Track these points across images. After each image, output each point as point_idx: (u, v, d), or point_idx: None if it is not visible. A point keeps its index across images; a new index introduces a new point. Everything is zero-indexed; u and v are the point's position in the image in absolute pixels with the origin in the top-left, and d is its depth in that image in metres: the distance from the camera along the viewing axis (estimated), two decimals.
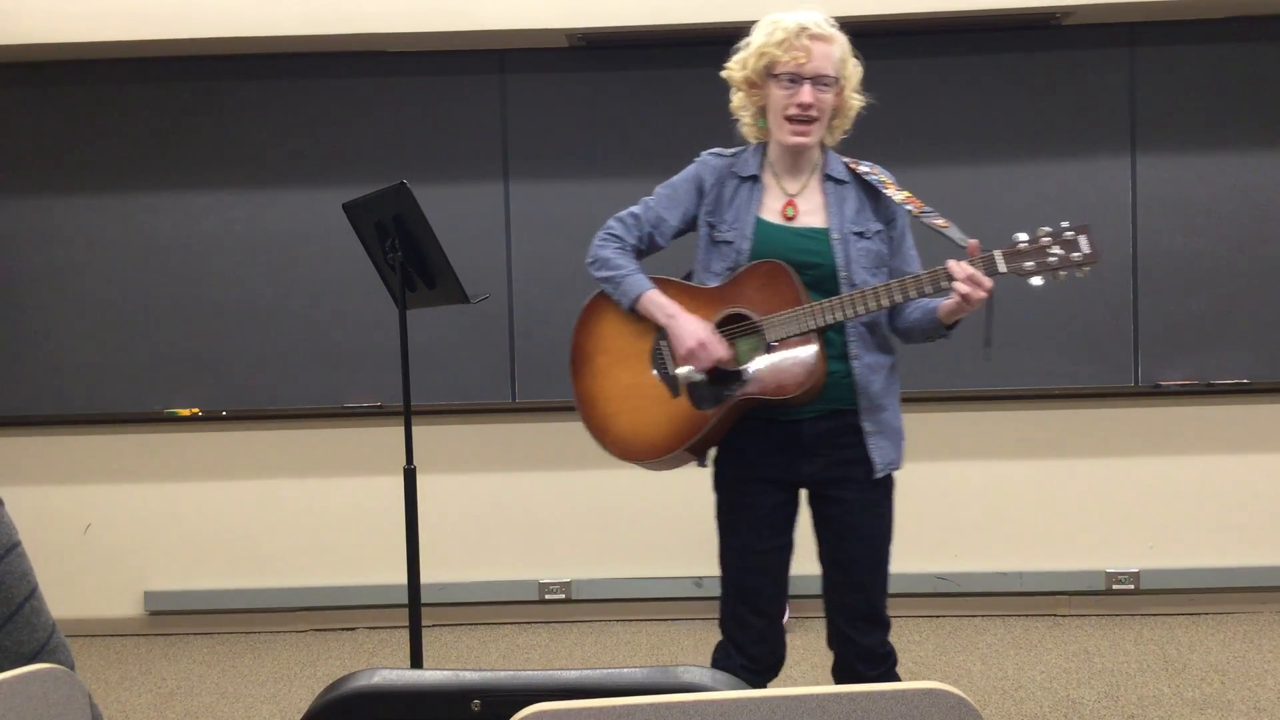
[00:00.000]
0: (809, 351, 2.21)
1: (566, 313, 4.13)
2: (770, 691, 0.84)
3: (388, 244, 2.95)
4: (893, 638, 2.43)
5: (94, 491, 4.31)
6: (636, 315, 2.35)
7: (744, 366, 2.26)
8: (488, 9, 3.86)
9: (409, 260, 2.94)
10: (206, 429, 4.28)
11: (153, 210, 4.20)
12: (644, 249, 2.41)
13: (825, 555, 2.38)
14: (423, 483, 3.12)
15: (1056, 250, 2.14)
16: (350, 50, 4.08)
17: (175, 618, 4.30)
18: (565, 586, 4.25)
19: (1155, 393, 4.12)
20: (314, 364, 4.18)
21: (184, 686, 3.73)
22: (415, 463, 3.02)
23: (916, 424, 4.14)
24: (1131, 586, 4.15)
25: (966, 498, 4.20)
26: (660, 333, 2.33)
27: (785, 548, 2.38)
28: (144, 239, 4.20)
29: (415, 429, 3.07)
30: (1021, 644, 3.87)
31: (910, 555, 4.14)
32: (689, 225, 2.40)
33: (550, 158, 4.15)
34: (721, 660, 2.40)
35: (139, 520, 4.30)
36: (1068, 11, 3.87)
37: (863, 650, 2.36)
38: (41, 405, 4.23)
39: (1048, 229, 2.17)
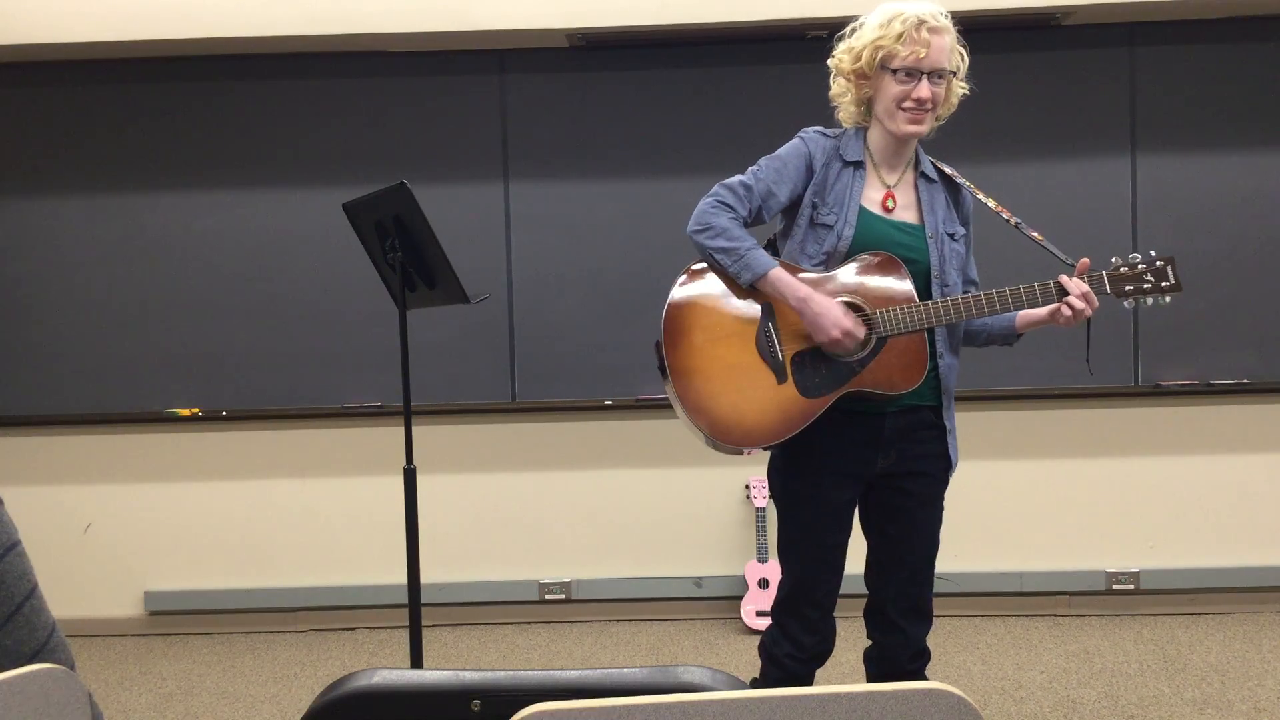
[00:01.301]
0: (922, 349, 2.24)
1: (567, 313, 4.18)
2: (770, 691, 0.84)
3: (388, 244, 2.95)
4: None
5: (94, 491, 4.31)
6: (740, 291, 2.25)
7: (856, 358, 2.24)
8: (488, 9, 3.86)
9: (409, 260, 2.94)
10: (206, 429, 4.28)
11: (153, 210, 4.20)
12: (750, 222, 2.29)
13: (884, 547, 2.39)
14: (423, 483, 3.13)
15: (1150, 278, 2.29)
16: (350, 50, 4.08)
17: (175, 618, 4.31)
18: (565, 586, 4.25)
19: (1155, 393, 4.12)
20: (314, 364, 4.18)
21: (184, 686, 3.73)
22: (415, 463, 3.02)
23: None
24: (1131, 586, 4.15)
25: (966, 498, 4.19)
26: (768, 313, 2.25)
27: (846, 543, 2.38)
28: (144, 239, 4.20)
29: (415, 429, 3.07)
30: (1021, 644, 3.87)
31: None
32: (795, 203, 2.32)
33: (550, 158, 4.15)
34: (770, 646, 2.40)
35: (139, 520, 4.31)
36: (1068, 11, 3.87)
37: (911, 640, 2.38)
38: (41, 405, 4.23)
39: (1139, 256, 2.29)
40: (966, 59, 2.31)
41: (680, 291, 2.29)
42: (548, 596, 4.25)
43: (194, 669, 3.90)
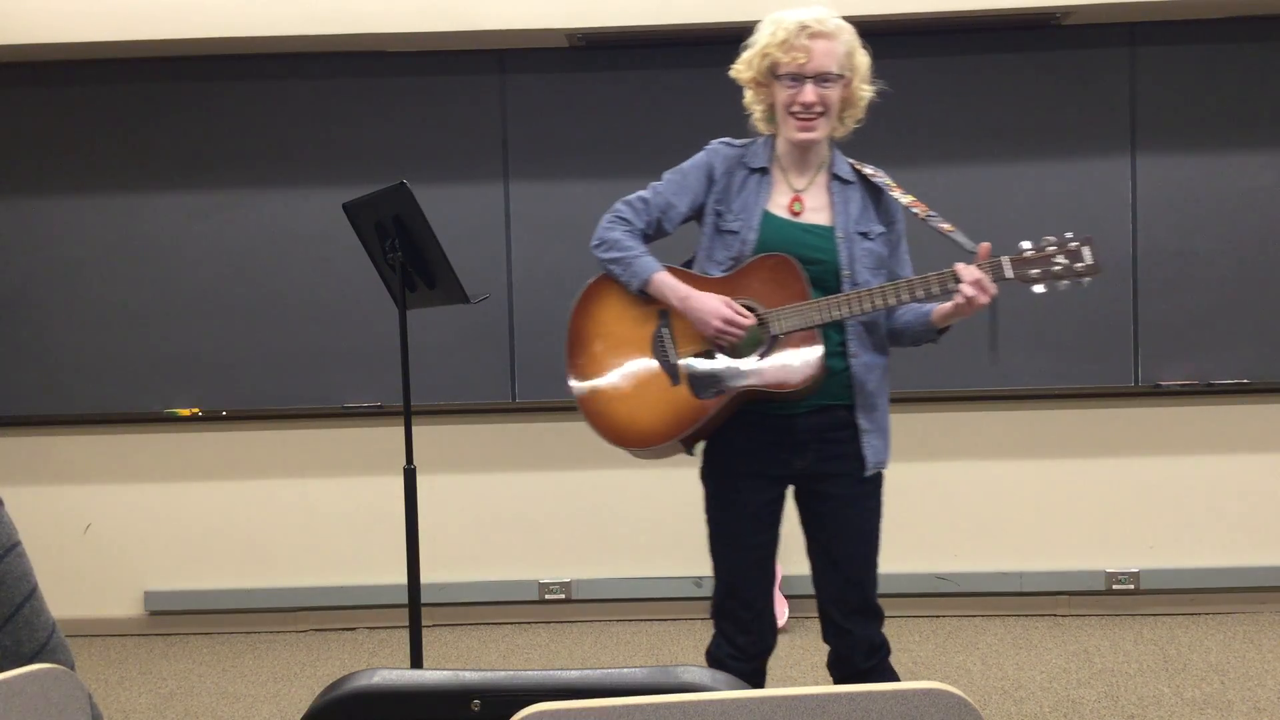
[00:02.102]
0: (813, 347, 2.22)
1: (567, 312, 4.16)
2: (770, 691, 0.84)
3: (388, 244, 2.95)
4: (893, 638, 2.44)
5: (94, 491, 4.31)
6: (638, 301, 2.33)
7: (747, 358, 2.25)
8: (488, 9, 3.86)
9: (409, 260, 2.94)
10: (206, 429, 4.28)
11: (152, 210, 4.20)
12: (651, 234, 2.38)
13: (816, 551, 2.39)
14: (423, 483, 3.12)
15: (1061, 260, 2.19)
16: (350, 50, 4.08)
17: (175, 618, 4.30)
18: (565, 586, 4.25)
19: (1155, 393, 4.12)
20: (314, 364, 4.18)
21: (184, 686, 3.73)
22: (415, 463, 3.02)
23: (917, 424, 4.17)
24: (1131, 586, 4.15)
25: (966, 498, 4.20)
26: (662, 319, 2.32)
27: (773, 541, 2.39)
28: (143, 239, 4.20)
29: (415, 429, 3.07)
30: (1021, 644, 3.87)
31: (910, 555, 4.15)
32: (697, 212, 2.39)
33: (550, 158, 4.15)
34: (713, 650, 2.43)
35: (139, 520, 4.31)
36: (1068, 11, 3.87)
37: (860, 641, 2.37)
38: (41, 405, 4.23)
39: (1052, 238, 2.20)
40: (865, 61, 2.30)
41: (581, 306, 2.40)
42: (548, 596, 4.25)
43: (194, 669, 3.90)
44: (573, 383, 2.39)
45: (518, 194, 4.16)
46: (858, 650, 2.37)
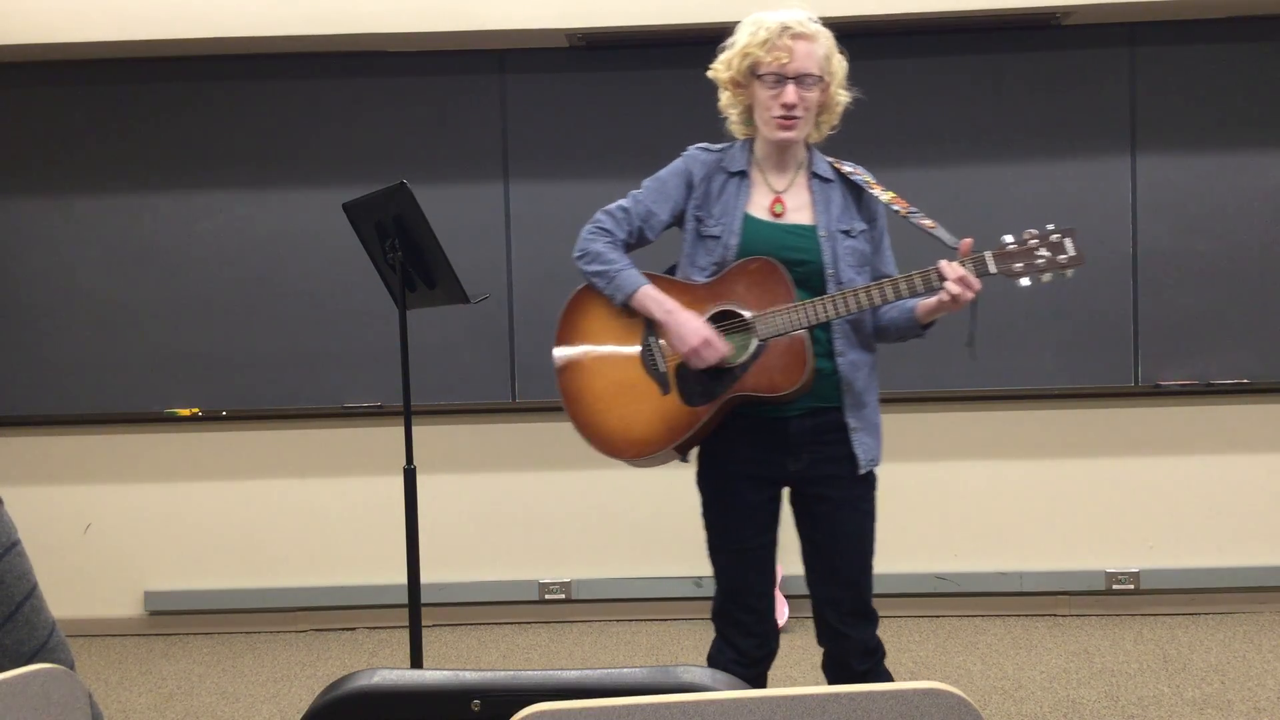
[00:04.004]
0: (802, 348, 2.22)
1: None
2: (770, 691, 0.84)
3: (388, 244, 2.95)
4: (892, 638, 2.44)
5: (94, 491, 4.31)
6: (626, 311, 2.33)
7: (736, 363, 2.25)
8: (488, 9, 3.86)
9: (409, 260, 2.94)
10: (206, 429, 4.28)
11: (152, 210, 4.20)
12: (633, 243, 2.38)
13: (811, 553, 2.39)
14: (423, 483, 3.12)
15: (1044, 252, 2.19)
16: (350, 50, 4.08)
17: (175, 618, 4.31)
18: (565, 586, 4.25)
19: (1155, 393, 4.12)
20: (314, 364, 4.18)
21: (184, 686, 3.73)
22: (415, 463, 3.02)
23: (917, 424, 4.17)
24: (1131, 586, 4.15)
25: (966, 498, 4.20)
26: (650, 328, 2.32)
27: (772, 544, 2.39)
28: (144, 239, 4.20)
29: (415, 429, 3.07)
30: (1021, 644, 3.87)
31: (910, 555, 4.15)
32: (677, 219, 2.39)
33: (550, 158, 4.15)
34: (715, 655, 2.42)
35: (139, 520, 4.31)
36: (1068, 11, 3.87)
37: (855, 644, 2.37)
38: (41, 405, 4.23)
39: (1034, 231, 2.21)
40: (845, 65, 2.31)
41: (568, 317, 2.40)
42: (548, 596, 4.25)
43: (194, 669, 3.90)
44: (562, 394, 2.39)
45: (518, 194, 4.16)
46: (853, 653, 2.38)
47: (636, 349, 2.34)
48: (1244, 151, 4.05)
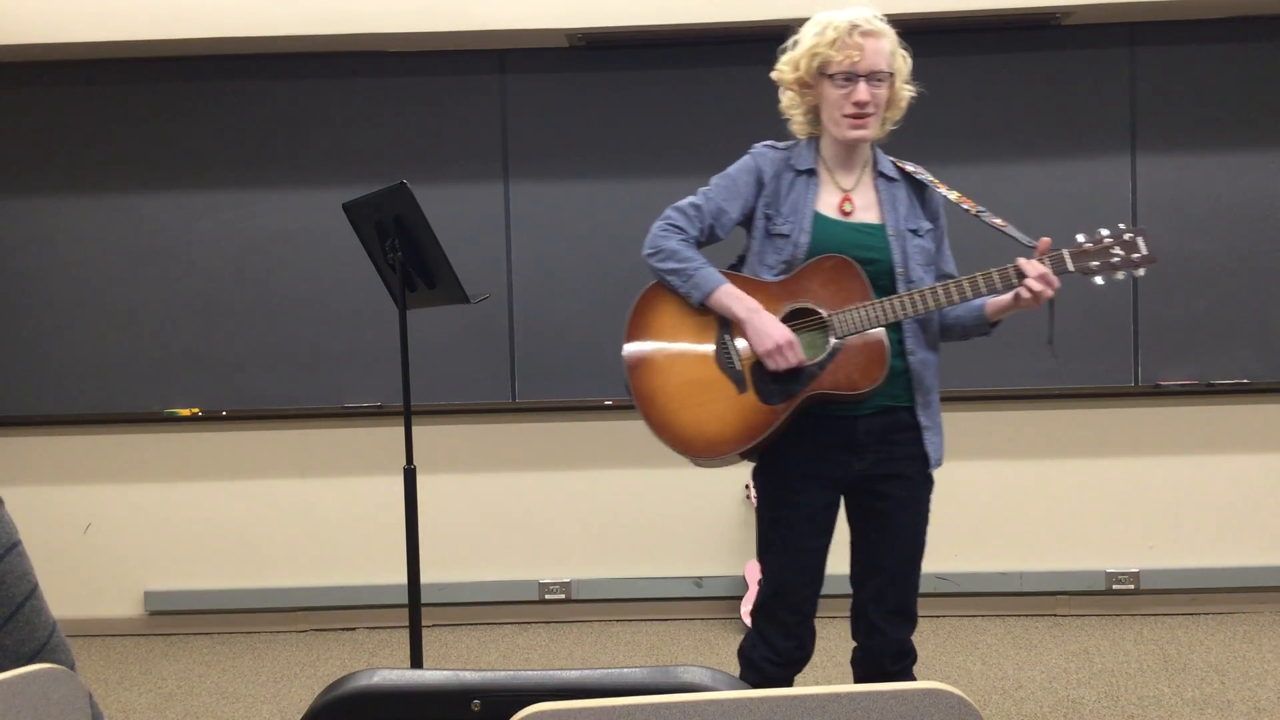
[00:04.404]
0: (880, 347, 2.24)
1: (567, 313, 4.17)
2: (770, 691, 0.84)
3: (388, 244, 2.95)
4: None
5: (94, 491, 4.31)
6: (698, 308, 2.30)
7: (813, 361, 2.25)
8: (488, 9, 3.87)
9: (409, 260, 2.94)
10: (206, 429, 4.28)
11: (152, 210, 4.20)
12: (703, 241, 2.35)
13: (864, 549, 2.39)
14: (423, 483, 3.12)
15: (1118, 251, 2.24)
16: (350, 50, 4.08)
17: (175, 618, 4.31)
18: (565, 586, 4.25)
19: (1155, 393, 4.12)
20: (314, 364, 4.18)
21: (184, 686, 3.73)
22: (415, 463, 3.02)
23: None
24: (1131, 586, 4.15)
25: (966, 498, 4.20)
26: (724, 326, 2.29)
27: (825, 548, 2.38)
28: (144, 239, 4.20)
29: (415, 429, 3.07)
30: (1021, 644, 3.87)
31: None
32: (747, 217, 2.36)
33: (550, 158, 4.15)
34: (748, 649, 2.40)
35: (139, 520, 4.31)
36: (1068, 11, 3.87)
37: (892, 644, 2.37)
38: (41, 405, 4.23)
39: (1107, 231, 2.25)
40: (909, 61, 2.33)
41: (638, 314, 2.36)
42: (548, 596, 4.25)
43: (194, 669, 3.90)
44: (635, 394, 2.33)
45: (518, 194, 4.16)
46: (888, 652, 2.38)
47: (710, 347, 2.30)
48: (1244, 151, 4.05)
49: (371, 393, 4.18)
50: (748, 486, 4.12)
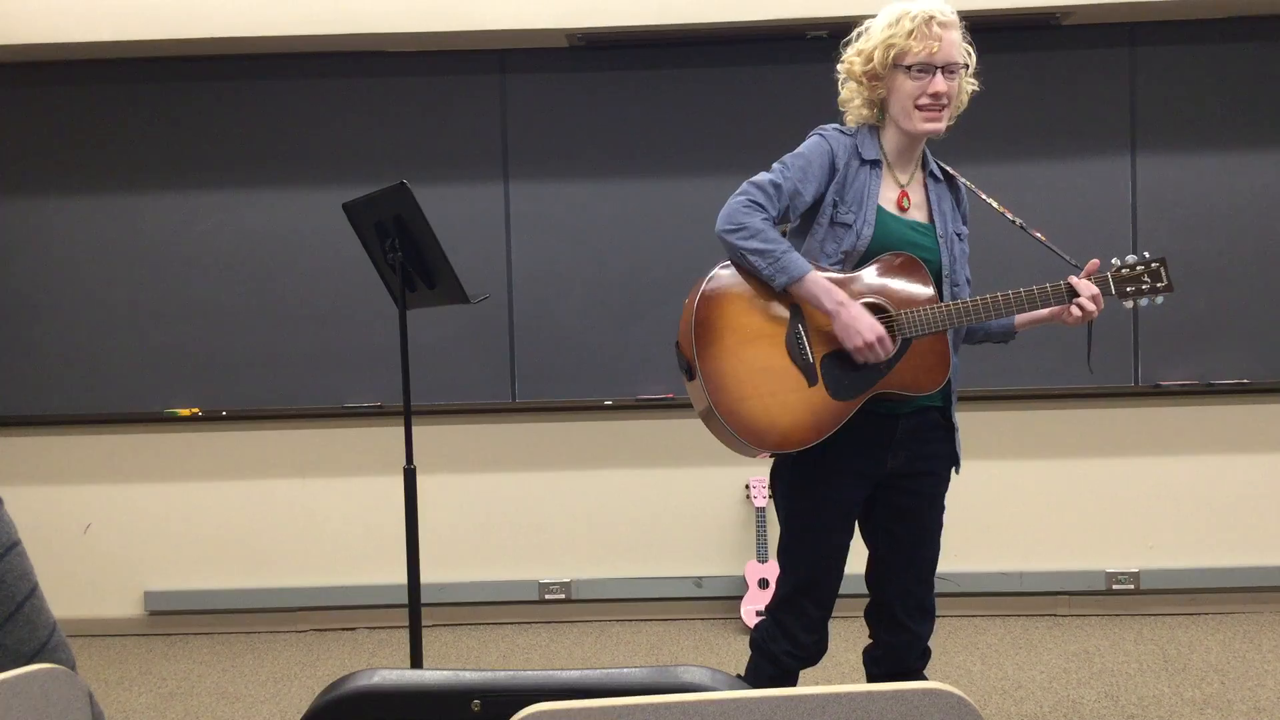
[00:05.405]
0: (946, 349, 2.26)
1: (567, 313, 4.18)
2: (770, 691, 0.84)
3: (388, 244, 2.95)
4: None
5: (94, 491, 4.31)
6: (765, 293, 2.22)
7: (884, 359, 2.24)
8: (488, 9, 3.87)
9: (409, 260, 2.94)
10: (206, 429, 4.28)
11: (152, 210, 4.20)
12: (778, 222, 2.26)
13: (890, 547, 2.39)
14: (423, 483, 3.12)
15: (1148, 279, 2.34)
16: (350, 50, 4.08)
17: (175, 618, 4.31)
18: (565, 586, 4.25)
19: (1155, 393, 4.12)
20: (314, 364, 4.18)
21: (184, 686, 3.73)
22: (415, 463, 3.02)
23: None
24: (1131, 586, 4.15)
25: (966, 498, 4.18)
26: (797, 314, 2.23)
27: (848, 546, 2.39)
28: (143, 239, 4.20)
29: (415, 429, 3.07)
30: (1021, 644, 3.87)
31: None
32: (818, 202, 2.28)
33: (550, 158, 4.15)
34: (764, 641, 2.39)
35: (139, 520, 4.31)
36: (1068, 11, 3.87)
37: (916, 639, 2.39)
38: (41, 405, 4.23)
39: (1134, 258, 2.34)
40: (974, 54, 2.32)
41: (710, 293, 2.23)
42: (548, 596, 4.25)
43: (194, 669, 3.90)
44: (704, 378, 2.20)
45: (518, 194, 4.16)
46: (913, 649, 2.39)
47: (781, 336, 2.23)
48: (1244, 151, 4.05)
49: (371, 393, 4.18)
50: (748, 486, 4.12)
